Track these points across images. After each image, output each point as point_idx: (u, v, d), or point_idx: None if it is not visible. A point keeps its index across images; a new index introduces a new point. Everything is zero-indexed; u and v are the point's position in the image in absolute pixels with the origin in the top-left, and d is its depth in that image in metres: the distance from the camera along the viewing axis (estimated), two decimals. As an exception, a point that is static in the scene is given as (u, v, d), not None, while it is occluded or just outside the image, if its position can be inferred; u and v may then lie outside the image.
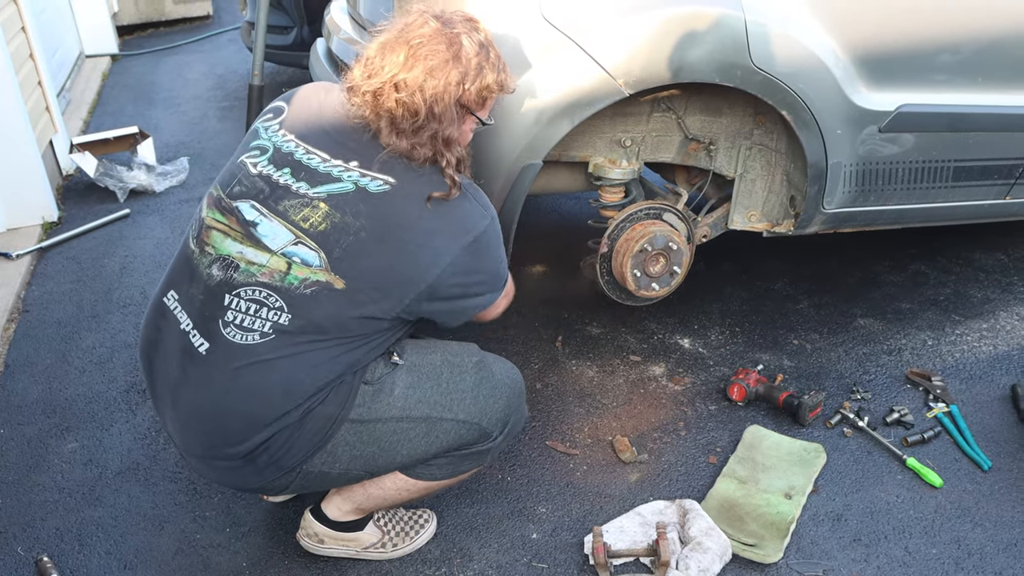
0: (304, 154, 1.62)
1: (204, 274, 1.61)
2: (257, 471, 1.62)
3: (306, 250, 1.55)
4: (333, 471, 1.66)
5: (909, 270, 3.03)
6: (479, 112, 1.68)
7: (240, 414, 1.57)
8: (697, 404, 2.36)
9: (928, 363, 2.52)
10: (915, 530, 1.94)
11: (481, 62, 1.62)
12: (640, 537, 1.89)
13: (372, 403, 1.62)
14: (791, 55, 2.10)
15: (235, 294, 1.57)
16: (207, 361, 1.57)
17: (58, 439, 2.28)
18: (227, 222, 1.62)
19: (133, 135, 4.02)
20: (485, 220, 1.63)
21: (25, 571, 1.87)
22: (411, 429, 1.66)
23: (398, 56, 1.58)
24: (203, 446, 1.63)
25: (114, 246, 3.34)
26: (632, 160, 2.37)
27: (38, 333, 2.77)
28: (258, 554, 1.90)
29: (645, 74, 2.02)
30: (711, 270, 2.97)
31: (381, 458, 1.67)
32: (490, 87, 1.65)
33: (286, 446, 1.59)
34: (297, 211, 1.57)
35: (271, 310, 1.55)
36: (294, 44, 4.69)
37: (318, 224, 1.55)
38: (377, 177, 1.57)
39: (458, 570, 1.85)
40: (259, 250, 1.57)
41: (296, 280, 1.54)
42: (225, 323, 1.56)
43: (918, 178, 2.42)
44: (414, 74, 1.57)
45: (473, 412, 1.69)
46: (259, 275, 1.56)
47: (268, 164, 1.64)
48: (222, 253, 1.60)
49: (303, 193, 1.58)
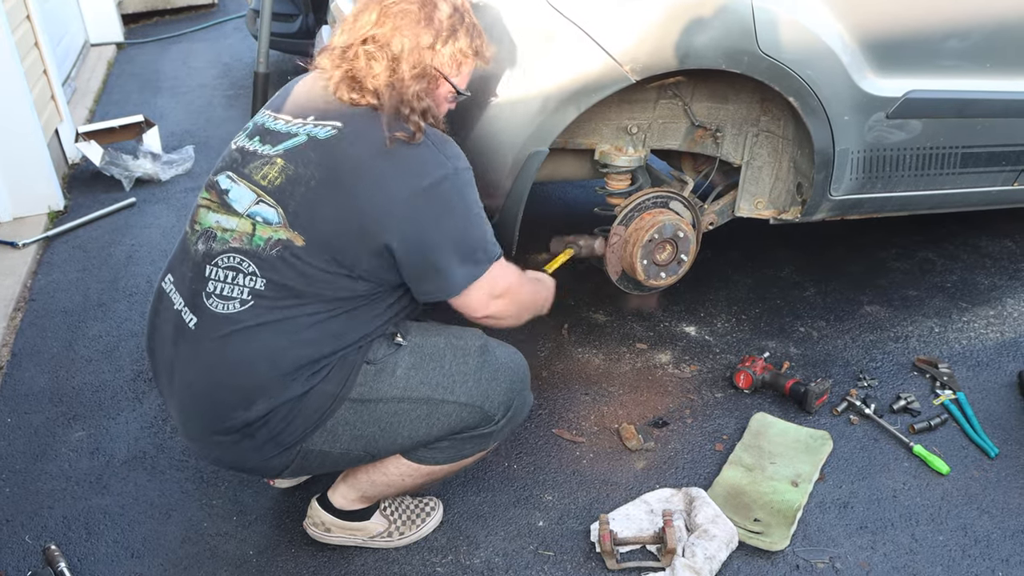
0: (272, 121, 1.67)
1: (192, 251, 1.64)
2: (256, 447, 1.62)
3: (266, 207, 1.57)
4: (333, 451, 1.66)
5: (916, 257, 3.02)
6: (454, 79, 1.67)
7: (229, 385, 1.57)
8: (703, 392, 2.35)
9: (935, 350, 2.51)
10: (922, 517, 1.94)
11: (455, 24, 1.63)
12: (646, 525, 1.89)
13: (374, 383, 1.63)
14: (798, 41, 2.08)
15: (214, 264, 1.59)
16: (195, 335, 1.59)
17: (65, 428, 2.29)
18: (209, 196, 1.67)
19: (139, 124, 4.02)
20: (445, 168, 1.57)
21: (33, 559, 1.88)
22: (412, 410, 1.66)
23: (371, 15, 1.60)
24: (200, 423, 1.63)
25: (120, 235, 3.35)
26: (638, 147, 2.36)
27: (45, 322, 2.78)
28: (265, 543, 1.91)
29: (651, 60, 2.01)
30: (717, 258, 2.96)
31: (382, 439, 1.67)
32: (464, 51, 1.65)
33: (285, 421, 1.59)
34: (258, 170, 1.60)
35: (246, 275, 1.56)
36: (299, 32, 4.68)
37: (275, 179, 1.57)
38: (327, 124, 1.58)
39: (464, 558, 1.86)
40: (230, 215, 1.60)
41: (261, 241, 1.56)
42: (208, 294, 1.58)
43: (926, 164, 2.40)
44: (383, 31, 1.58)
45: (475, 395, 1.69)
46: (231, 240, 1.58)
47: (245, 138, 1.69)
48: (205, 226, 1.64)
49: (265, 153, 1.61)
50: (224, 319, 1.56)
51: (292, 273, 1.55)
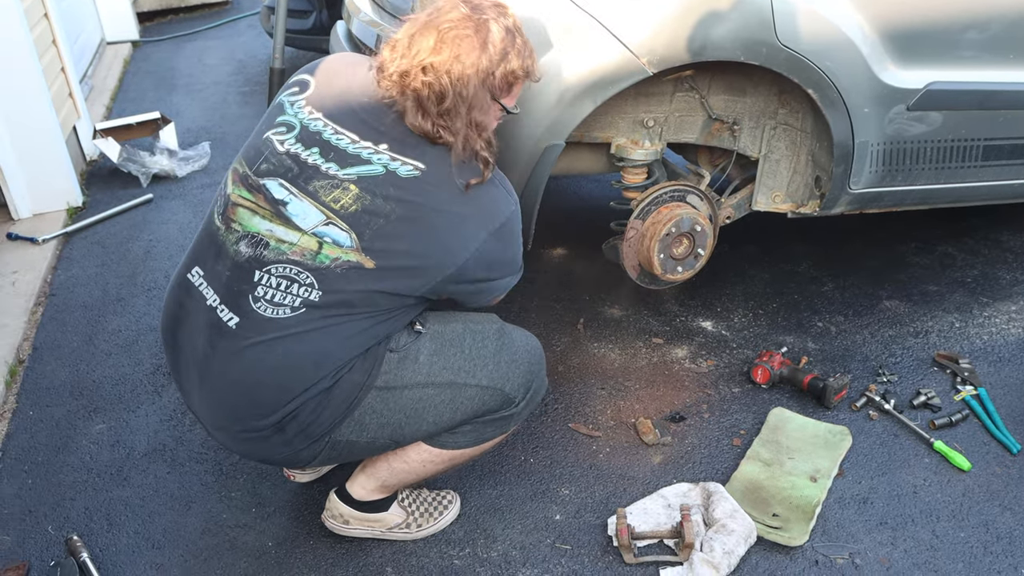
0: (333, 134, 1.63)
1: (231, 251, 1.62)
2: (286, 441, 1.64)
3: (337, 231, 1.57)
4: (361, 440, 1.68)
5: (936, 252, 2.99)
6: (504, 99, 1.69)
7: (271, 385, 1.59)
8: (720, 386, 2.34)
9: (955, 345, 2.49)
10: (943, 514, 1.92)
11: (507, 48, 1.63)
12: (664, 519, 1.89)
13: (398, 370, 1.65)
14: (818, 32, 2.07)
15: (265, 270, 1.59)
16: (237, 335, 1.59)
17: (86, 420, 2.31)
18: (254, 200, 1.63)
19: (155, 120, 4.04)
20: (511, 206, 1.67)
21: (56, 550, 1.90)
22: (436, 395, 1.68)
23: (428, 40, 1.59)
24: (232, 418, 1.65)
25: (138, 230, 3.37)
26: (655, 141, 2.34)
27: (65, 316, 2.80)
28: (284, 534, 1.92)
29: (668, 53, 2.00)
30: (733, 252, 2.94)
31: (408, 426, 1.69)
32: (515, 72, 1.66)
33: (314, 414, 1.61)
34: (327, 192, 1.59)
35: (302, 286, 1.57)
36: (313, 28, 4.69)
37: (349, 206, 1.57)
38: (408, 162, 1.59)
39: (482, 551, 1.86)
40: (289, 229, 1.59)
41: (327, 259, 1.56)
42: (255, 298, 1.58)
43: (947, 157, 2.38)
44: (442, 58, 1.58)
45: (495, 377, 1.72)
46: (289, 253, 1.58)
47: (296, 143, 1.65)
48: (250, 230, 1.62)
49: (333, 174, 1.59)
50: (272, 323, 1.57)
51: (352, 290, 1.57)
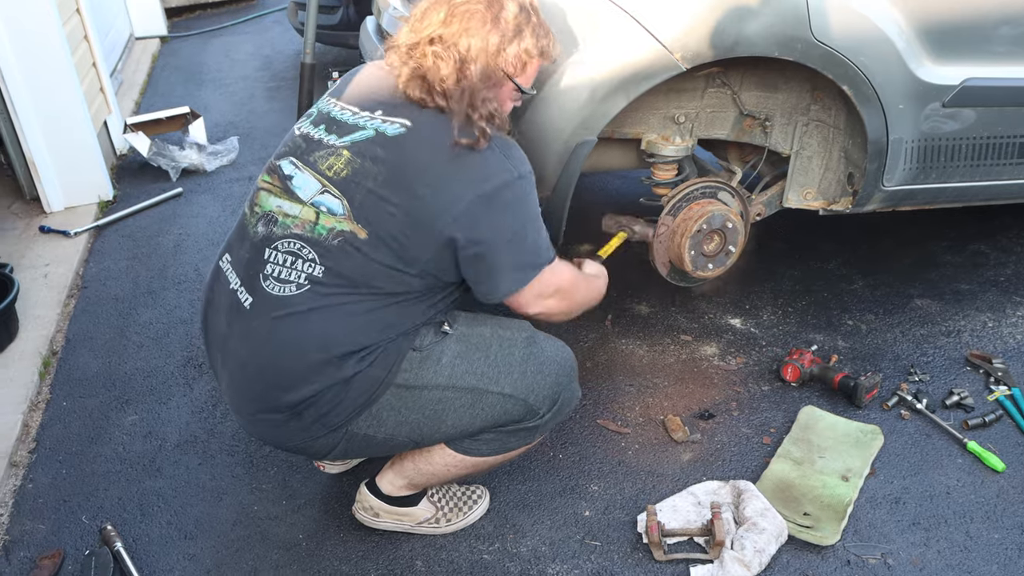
0: (338, 111, 1.68)
1: (251, 232, 1.66)
2: (303, 427, 1.64)
3: (331, 198, 1.58)
4: (378, 435, 1.67)
5: (967, 250, 2.95)
6: (519, 78, 1.67)
7: (278, 365, 1.60)
8: (750, 384, 2.33)
9: (988, 345, 2.45)
10: (977, 515, 1.90)
11: (521, 24, 1.62)
12: (694, 516, 1.88)
13: (419, 369, 1.64)
14: (853, 27, 2.04)
15: (273, 247, 1.61)
16: (249, 314, 1.61)
17: (119, 412, 2.33)
18: (271, 180, 1.69)
19: (184, 115, 4.07)
20: (509, 174, 1.58)
21: (90, 539, 1.93)
22: (456, 399, 1.66)
23: (438, 14, 1.60)
24: (249, 399, 1.66)
25: (168, 224, 3.40)
26: (686, 137, 2.33)
27: (96, 309, 2.84)
28: (314, 527, 1.94)
29: (702, 48, 1.98)
30: (761, 250, 2.92)
31: (426, 427, 1.68)
32: (529, 51, 1.64)
33: (332, 403, 1.61)
34: (324, 160, 1.61)
35: (305, 262, 1.58)
36: (340, 24, 4.71)
37: (340, 171, 1.58)
38: (395, 121, 1.59)
39: (511, 545, 1.86)
40: (293, 202, 1.62)
41: (324, 230, 1.57)
42: (265, 276, 1.60)
43: (982, 155, 2.34)
44: (451, 30, 1.58)
45: (520, 387, 1.69)
46: (293, 227, 1.60)
47: (310, 125, 1.71)
48: (266, 209, 1.66)
49: (330, 144, 1.62)
50: (278, 301, 1.59)
51: (351, 264, 1.56)
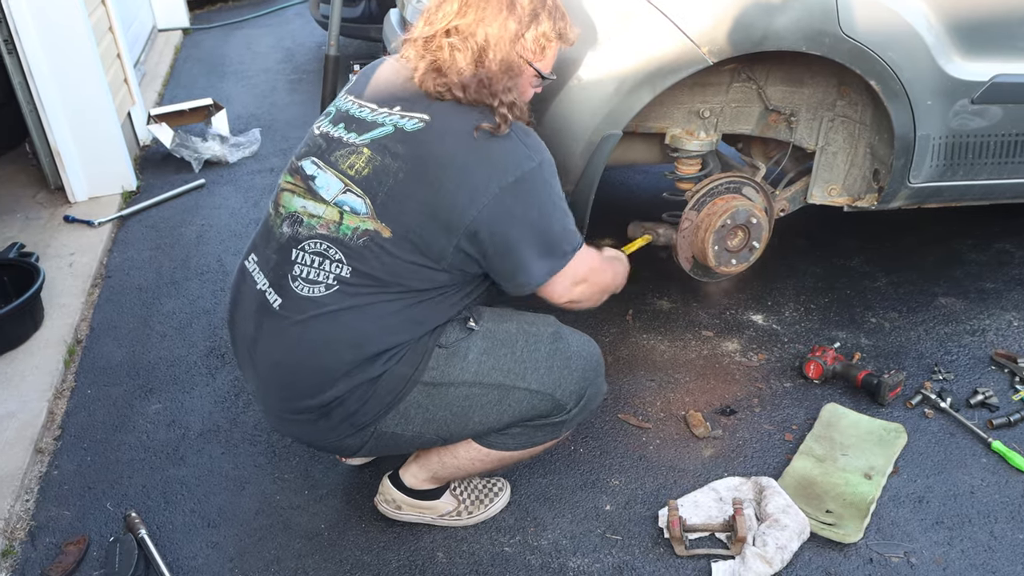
0: (357, 108, 1.67)
1: (277, 233, 1.66)
2: (332, 426, 1.65)
3: (353, 197, 1.57)
4: (406, 433, 1.67)
5: (992, 248, 2.92)
6: (538, 63, 1.66)
7: (311, 365, 1.60)
8: (772, 381, 2.32)
9: (1014, 344, 2.43)
10: (1001, 515, 1.88)
11: (536, 8, 1.61)
12: (715, 512, 1.88)
13: (445, 366, 1.64)
14: (882, 22, 2.02)
15: (300, 248, 1.61)
16: (279, 315, 1.61)
17: (142, 400, 2.36)
18: (294, 181, 1.68)
19: (207, 107, 4.10)
20: (531, 162, 1.57)
21: (115, 526, 1.95)
22: (483, 395, 1.66)
23: (453, 5, 1.59)
24: (279, 399, 1.67)
25: (191, 215, 3.43)
26: (710, 132, 2.32)
27: (120, 298, 2.86)
28: (336, 517, 1.95)
29: (729, 42, 1.97)
30: (783, 246, 2.90)
31: (453, 423, 1.68)
32: (547, 34, 1.64)
33: (360, 402, 1.61)
34: (345, 159, 1.61)
35: (332, 262, 1.58)
36: (362, 16, 4.72)
37: (362, 169, 1.58)
38: (414, 116, 1.58)
39: (532, 539, 1.86)
40: (317, 202, 1.62)
41: (349, 230, 1.57)
42: (293, 277, 1.60)
43: (1011, 152, 2.31)
44: (467, 20, 1.57)
45: (546, 382, 1.69)
46: (318, 227, 1.60)
47: (329, 124, 1.70)
48: (290, 210, 1.65)
49: (351, 142, 1.62)
50: (309, 302, 1.59)
51: (377, 263, 1.56)
